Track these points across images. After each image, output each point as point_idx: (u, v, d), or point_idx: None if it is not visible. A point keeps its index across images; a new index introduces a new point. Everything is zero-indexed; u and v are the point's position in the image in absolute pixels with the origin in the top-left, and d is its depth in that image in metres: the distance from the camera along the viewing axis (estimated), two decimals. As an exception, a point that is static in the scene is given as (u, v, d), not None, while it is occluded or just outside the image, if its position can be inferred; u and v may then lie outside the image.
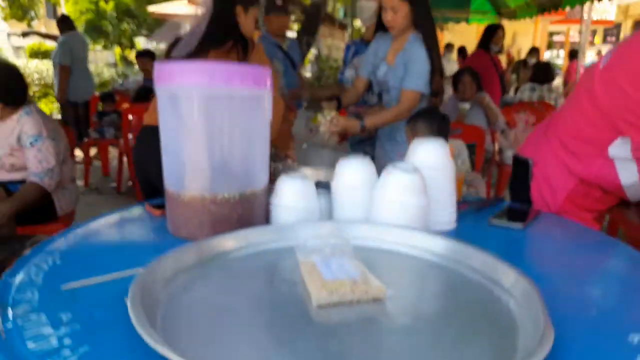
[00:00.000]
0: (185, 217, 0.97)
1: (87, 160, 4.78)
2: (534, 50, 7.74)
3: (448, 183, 1.08)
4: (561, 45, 23.56)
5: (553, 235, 1.14)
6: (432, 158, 1.06)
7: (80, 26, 17.61)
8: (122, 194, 4.55)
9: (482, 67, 4.27)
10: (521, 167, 1.46)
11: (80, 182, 4.67)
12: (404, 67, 2.07)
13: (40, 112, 2.24)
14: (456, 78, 3.88)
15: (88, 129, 5.00)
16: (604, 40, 26.85)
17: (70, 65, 5.35)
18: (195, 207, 0.95)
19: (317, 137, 2.17)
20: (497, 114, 3.72)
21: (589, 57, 15.74)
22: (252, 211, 1.00)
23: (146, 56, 4.89)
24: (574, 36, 16.97)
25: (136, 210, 1.21)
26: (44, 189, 2.14)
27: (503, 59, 10.02)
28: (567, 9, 8.01)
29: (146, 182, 1.80)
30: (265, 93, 0.98)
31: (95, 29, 17.81)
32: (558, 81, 10.76)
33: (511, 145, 3.87)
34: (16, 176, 2.17)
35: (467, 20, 10.05)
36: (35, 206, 2.13)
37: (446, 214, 1.09)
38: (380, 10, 2.12)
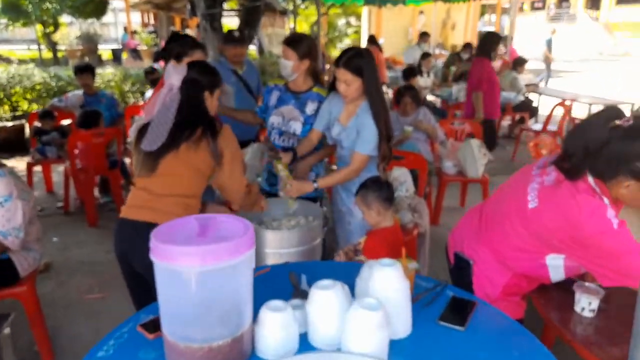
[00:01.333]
0: (184, 360, 1.12)
1: (30, 181, 4.65)
2: (468, 46, 8.12)
3: (404, 300, 1.29)
4: (493, 9, 24.48)
5: (488, 333, 1.36)
6: (390, 283, 1.27)
7: (-3, 5, 16.40)
8: (69, 213, 4.49)
9: (487, 74, 4.60)
10: (463, 265, 1.73)
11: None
12: (355, 131, 2.27)
13: (13, 174, 2.29)
14: (398, 96, 4.11)
15: None
16: (533, 8, 28.10)
17: None
18: (193, 354, 1.11)
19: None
20: (435, 130, 4.00)
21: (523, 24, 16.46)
22: (242, 344, 1.17)
23: (86, 71, 4.73)
24: (503, 2, 17.65)
25: (129, 331, 1.33)
26: (3, 246, 2.20)
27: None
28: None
29: (131, 273, 1.84)
30: (250, 254, 1.13)
31: (14, 8, 16.58)
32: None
33: (449, 154, 4.18)
34: None
35: (404, 2, 10.31)
36: None
37: (403, 324, 1.30)
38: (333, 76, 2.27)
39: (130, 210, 1.82)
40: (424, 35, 8.81)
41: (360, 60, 2.17)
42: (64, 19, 19.64)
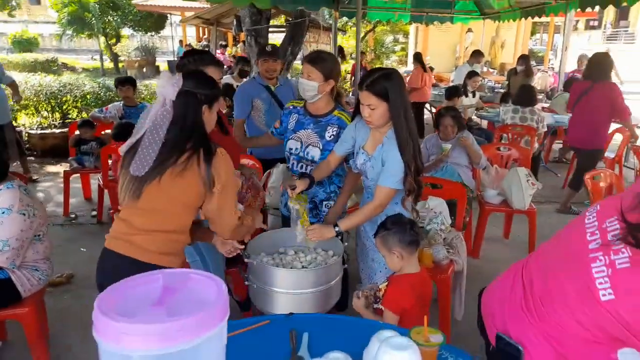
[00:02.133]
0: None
1: (67, 188, 4.70)
2: (523, 58, 7.71)
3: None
4: (545, 28, 23.51)
5: None
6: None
7: (63, 17, 17.47)
8: (102, 223, 4.50)
9: (621, 99, 4.59)
10: (510, 351, 1.31)
11: (59, 210, 4.63)
12: (381, 162, 2.07)
13: (23, 188, 2.24)
14: (438, 118, 3.88)
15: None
16: (588, 26, 26.91)
17: None
18: None
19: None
20: (480, 154, 3.74)
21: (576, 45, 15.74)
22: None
23: (127, 84, 4.80)
24: (557, 19, 16.87)
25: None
26: None
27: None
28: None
29: None
30: (219, 329, 0.93)
31: (79, 21, 17.62)
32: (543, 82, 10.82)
33: (493, 182, 3.90)
34: None
35: (451, 20, 10.05)
36: None
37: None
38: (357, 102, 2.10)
39: (111, 242, 1.68)
40: (476, 54, 8.10)
41: (387, 82, 1.97)
42: (125, 31, 20.67)
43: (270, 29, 8.73)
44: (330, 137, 2.40)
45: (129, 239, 1.63)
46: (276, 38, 11.65)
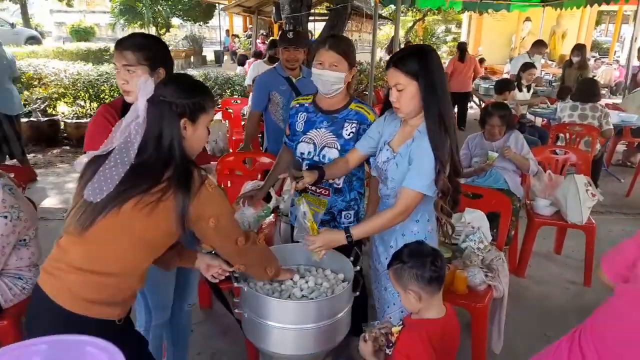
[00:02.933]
0: None
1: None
2: (579, 48, 6.97)
3: None
4: (611, 18, 21.52)
5: None
6: None
7: (115, 7, 17.98)
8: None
9: None
10: None
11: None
12: (407, 160, 1.70)
13: (8, 189, 2.04)
14: (484, 115, 3.43)
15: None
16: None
17: None
18: None
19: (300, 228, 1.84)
20: (527, 162, 3.26)
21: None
22: None
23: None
24: (627, 8, 15.56)
25: None
26: None
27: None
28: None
29: None
30: None
31: (131, 10, 18.08)
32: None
33: (545, 190, 3.42)
34: None
35: (507, 8, 9.36)
36: None
37: None
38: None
39: (43, 275, 1.35)
40: (538, 44, 7.09)
41: (418, 58, 1.62)
42: (175, 21, 21.00)
43: (310, 17, 8.40)
44: (349, 135, 2.05)
45: (59, 276, 1.30)
46: (317, 28, 11.32)
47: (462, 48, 8.07)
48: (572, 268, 3.44)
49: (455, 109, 7.94)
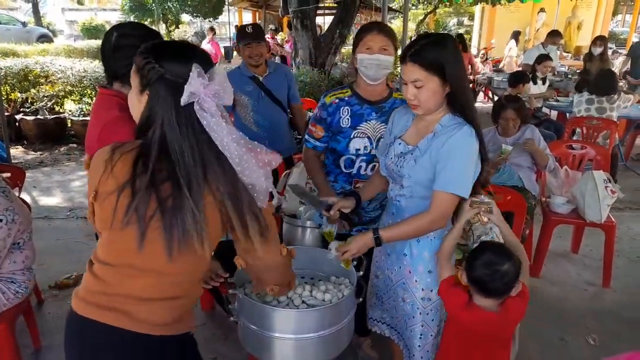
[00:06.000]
0: None
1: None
2: (602, 39, 6.75)
3: None
4: (629, 8, 20.87)
5: None
6: None
7: (125, 4, 18.01)
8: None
9: None
10: None
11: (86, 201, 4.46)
12: (430, 157, 1.54)
13: (0, 191, 1.97)
14: (497, 109, 3.28)
15: None
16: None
17: None
18: None
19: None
20: (547, 158, 3.11)
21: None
22: None
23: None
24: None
25: None
26: None
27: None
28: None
29: None
30: None
31: (140, 8, 18.11)
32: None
33: (561, 187, 3.27)
34: None
35: (521, -1, 9.17)
36: None
37: None
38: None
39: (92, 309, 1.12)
40: (553, 35, 6.80)
41: (439, 50, 1.47)
42: (184, 17, 20.97)
43: (318, 10, 8.27)
44: None
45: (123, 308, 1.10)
46: (325, 22, 11.17)
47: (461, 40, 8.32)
48: (590, 268, 3.29)
49: None
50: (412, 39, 1.65)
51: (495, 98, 7.33)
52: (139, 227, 1.03)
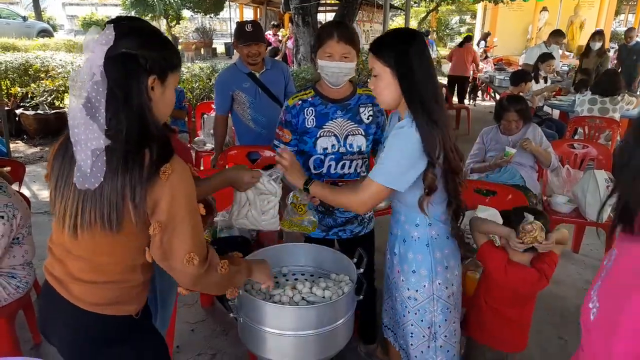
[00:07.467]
0: None
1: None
2: (600, 33, 6.71)
3: None
4: (632, 8, 20.75)
5: None
6: None
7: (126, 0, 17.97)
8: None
9: None
10: None
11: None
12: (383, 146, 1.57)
13: (1, 188, 1.98)
14: (499, 109, 3.27)
15: None
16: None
17: None
18: None
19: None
20: (550, 157, 3.10)
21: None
22: None
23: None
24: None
25: None
26: None
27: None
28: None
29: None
30: None
31: (141, 3, 18.06)
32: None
33: (563, 186, 3.26)
34: None
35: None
36: None
37: None
38: None
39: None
40: (555, 34, 6.79)
41: (397, 44, 1.48)
42: (185, 13, 20.92)
43: (319, 7, 8.24)
44: (368, 118, 1.98)
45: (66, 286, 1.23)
46: (327, 18, 11.14)
47: (466, 38, 8.59)
48: (591, 268, 3.29)
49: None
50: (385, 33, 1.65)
51: (497, 97, 7.32)
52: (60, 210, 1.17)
